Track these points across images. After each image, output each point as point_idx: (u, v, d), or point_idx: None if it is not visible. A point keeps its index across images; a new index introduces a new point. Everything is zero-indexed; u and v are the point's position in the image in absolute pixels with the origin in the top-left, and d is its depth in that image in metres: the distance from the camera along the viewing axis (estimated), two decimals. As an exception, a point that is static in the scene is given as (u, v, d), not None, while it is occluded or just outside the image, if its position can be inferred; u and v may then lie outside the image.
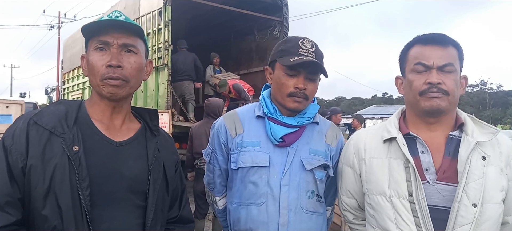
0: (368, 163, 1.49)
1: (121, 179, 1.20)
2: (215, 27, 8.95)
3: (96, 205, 1.15)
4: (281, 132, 1.59)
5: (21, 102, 4.21)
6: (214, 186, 1.77)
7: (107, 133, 1.24)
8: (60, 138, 1.14)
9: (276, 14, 8.02)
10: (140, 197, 1.24)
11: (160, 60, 6.98)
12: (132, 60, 1.23)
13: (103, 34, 1.21)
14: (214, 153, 1.71)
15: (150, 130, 1.34)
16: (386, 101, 62.74)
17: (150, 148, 1.29)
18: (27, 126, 1.15)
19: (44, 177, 1.11)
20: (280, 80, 1.59)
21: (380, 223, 1.43)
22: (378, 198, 1.43)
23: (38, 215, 1.11)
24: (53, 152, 1.13)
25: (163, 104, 6.94)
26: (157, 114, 1.39)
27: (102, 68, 1.20)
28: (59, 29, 26.76)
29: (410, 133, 1.42)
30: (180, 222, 1.43)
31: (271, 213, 1.56)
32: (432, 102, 1.35)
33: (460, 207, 1.29)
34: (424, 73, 1.37)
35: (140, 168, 1.25)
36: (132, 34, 1.25)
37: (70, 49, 10.92)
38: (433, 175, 1.36)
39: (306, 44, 1.58)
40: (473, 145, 1.34)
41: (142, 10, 7.60)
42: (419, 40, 1.42)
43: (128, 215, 1.21)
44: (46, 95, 16.41)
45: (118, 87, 1.21)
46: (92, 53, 1.22)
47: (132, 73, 1.24)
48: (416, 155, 1.39)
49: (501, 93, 55.86)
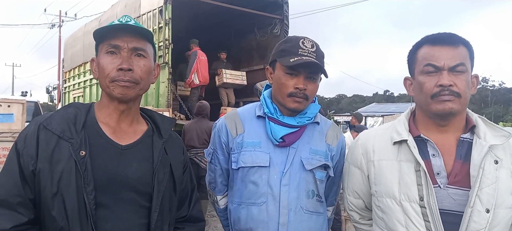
0: (377, 164, 1.46)
1: (126, 181, 1.23)
2: (216, 26, 8.94)
3: (101, 206, 1.19)
4: (281, 132, 1.59)
5: (23, 101, 4.22)
6: (215, 186, 1.77)
7: (113, 136, 1.27)
8: (68, 142, 1.19)
9: (276, 12, 8.02)
10: (145, 198, 1.26)
11: (161, 58, 6.98)
12: (142, 63, 1.27)
13: (113, 38, 1.25)
14: (216, 153, 1.71)
15: (158, 132, 1.36)
16: (387, 99, 62.66)
17: (156, 150, 1.31)
18: (37, 130, 1.20)
19: (52, 180, 1.16)
20: (280, 80, 1.59)
21: (390, 225, 1.41)
22: (388, 201, 1.40)
23: (48, 215, 1.16)
24: (61, 155, 1.17)
25: (163, 102, 6.94)
26: (173, 123, 1.43)
27: (113, 71, 1.24)
28: (60, 28, 26.72)
29: (420, 135, 1.39)
30: (189, 221, 1.46)
31: (271, 212, 1.56)
32: (444, 106, 1.32)
33: (473, 213, 1.27)
34: (435, 74, 1.34)
35: (144, 170, 1.27)
36: (142, 38, 1.29)
37: (71, 48, 10.92)
38: (444, 179, 1.33)
39: (307, 44, 1.57)
40: (486, 149, 1.30)
41: (142, 9, 7.60)
42: (428, 40, 1.39)
43: (132, 216, 1.24)
44: (47, 93, 16.41)
45: (128, 88, 1.25)
46: (103, 56, 1.26)
47: (142, 76, 1.27)
48: (427, 158, 1.36)
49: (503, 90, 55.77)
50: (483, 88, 54.05)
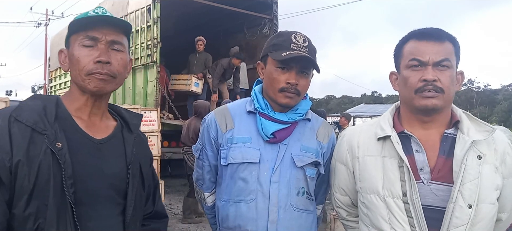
0: (361, 160, 1.46)
1: (103, 177, 1.19)
2: (204, 25, 8.90)
3: (81, 204, 1.13)
4: (272, 128, 1.57)
5: (6, 99, 4.12)
6: (203, 182, 1.74)
7: (87, 130, 1.22)
8: (42, 134, 1.11)
9: (266, 12, 8.04)
10: (120, 195, 1.23)
11: (149, 57, 6.94)
12: (119, 57, 1.23)
13: (91, 29, 1.20)
14: (204, 149, 1.68)
15: (127, 128, 1.33)
16: (375, 100, 63.24)
17: (128, 145, 1.28)
18: (8, 123, 1.10)
19: (29, 176, 1.07)
20: (271, 75, 1.57)
21: (374, 222, 1.41)
22: (372, 197, 1.40)
23: (19, 215, 1.07)
24: (36, 149, 1.09)
25: (151, 102, 6.89)
26: (141, 118, 1.39)
27: (90, 64, 1.18)
28: (47, 27, 26.35)
29: (404, 131, 1.39)
30: (155, 218, 1.43)
31: (261, 210, 1.54)
32: (427, 102, 1.32)
33: (455, 208, 1.27)
34: (420, 69, 1.34)
35: (120, 165, 1.24)
36: (120, 32, 1.25)
37: (57, 46, 10.73)
38: (427, 175, 1.33)
39: (299, 39, 1.55)
40: (469, 144, 1.31)
41: (130, 7, 7.54)
42: (414, 35, 1.39)
43: (111, 213, 1.21)
44: (33, 93, 16.20)
45: (105, 81, 1.20)
46: (77, 48, 1.20)
47: (120, 70, 1.23)
48: (410, 154, 1.36)
49: (488, 92, 56.73)
50: (469, 90, 54.91)
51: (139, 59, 7.30)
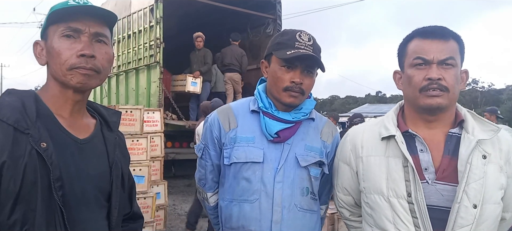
0: (365, 160, 1.45)
1: (89, 179, 1.13)
2: (208, 25, 8.88)
3: (69, 207, 1.06)
4: (276, 127, 1.56)
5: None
6: (205, 182, 1.72)
7: (70, 129, 1.15)
8: (25, 134, 1.02)
9: (269, 11, 8.01)
10: (104, 196, 1.19)
11: (152, 58, 6.92)
12: (103, 51, 1.15)
13: (73, 20, 1.11)
14: (206, 148, 1.67)
15: (106, 126, 1.27)
16: (379, 100, 63.07)
17: (110, 144, 1.23)
18: None
19: (14, 179, 0.99)
20: (276, 74, 1.55)
21: (378, 222, 1.40)
22: (376, 197, 1.39)
23: (3, 223, 0.99)
24: (20, 150, 1.00)
25: (154, 102, 6.88)
26: (120, 116, 1.33)
27: (72, 58, 1.10)
28: (50, 28, 26.50)
29: (408, 131, 1.38)
30: (132, 219, 1.39)
31: (264, 210, 1.53)
32: (432, 101, 1.31)
33: (460, 208, 1.26)
34: (424, 68, 1.33)
35: (103, 166, 1.19)
36: (105, 24, 1.17)
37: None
38: (432, 175, 1.32)
39: (303, 37, 1.54)
40: (474, 143, 1.29)
41: (133, 7, 7.54)
42: (418, 34, 1.38)
43: (98, 216, 1.16)
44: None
45: (89, 77, 1.12)
46: (57, 40, 1.11)
47: (104, 65, 1.16)
48: (415, 154, 1.35)
49: (492, 91, 56.49)
50: (473, 90, 54.73)
51: (142, 60, 7.29)
